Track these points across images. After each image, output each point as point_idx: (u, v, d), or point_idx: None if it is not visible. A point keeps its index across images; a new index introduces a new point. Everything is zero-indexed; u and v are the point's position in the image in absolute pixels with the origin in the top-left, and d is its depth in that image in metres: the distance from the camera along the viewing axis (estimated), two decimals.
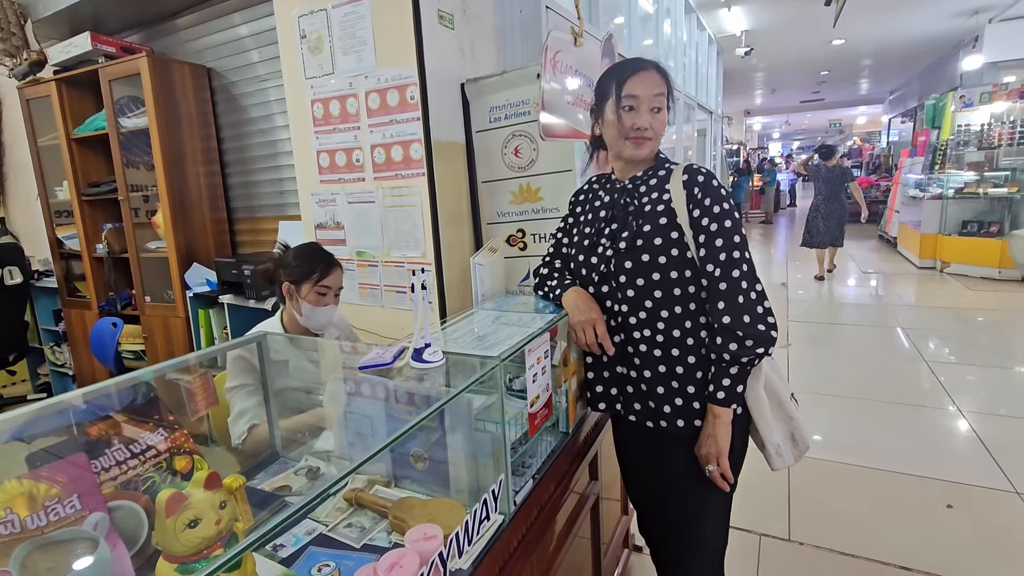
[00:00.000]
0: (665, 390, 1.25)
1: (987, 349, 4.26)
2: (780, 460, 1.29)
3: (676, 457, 1.28)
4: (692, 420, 1.23)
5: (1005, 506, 2.32)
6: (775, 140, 25.87)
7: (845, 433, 3.04)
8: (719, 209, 1.18)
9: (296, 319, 1.65)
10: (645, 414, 1.29)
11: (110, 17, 3.08)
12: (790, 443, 1.31)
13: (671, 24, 5.86)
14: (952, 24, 7.96)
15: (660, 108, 1.24)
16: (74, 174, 3.17)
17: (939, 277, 6.66)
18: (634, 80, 1.23)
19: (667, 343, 1.23)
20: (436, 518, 1.01)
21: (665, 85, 1.24)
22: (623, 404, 1.34)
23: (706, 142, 8.18)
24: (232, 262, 2.62)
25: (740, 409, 1.22)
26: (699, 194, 1.19)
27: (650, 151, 1.27)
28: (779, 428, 1.29)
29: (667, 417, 1.25)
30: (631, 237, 1.24)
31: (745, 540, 2.18)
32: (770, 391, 1.27)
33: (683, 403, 1.23)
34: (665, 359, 1.24)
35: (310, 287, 1.60)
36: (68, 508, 0.73)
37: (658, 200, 1.24)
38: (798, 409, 1.33)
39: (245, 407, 1.51)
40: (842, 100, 16.41)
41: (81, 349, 3.49)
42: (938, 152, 7.91)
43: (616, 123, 1.25)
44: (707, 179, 1.21)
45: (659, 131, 1.26)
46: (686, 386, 1.23)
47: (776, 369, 1.32)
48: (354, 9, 1.99)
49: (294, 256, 1.65)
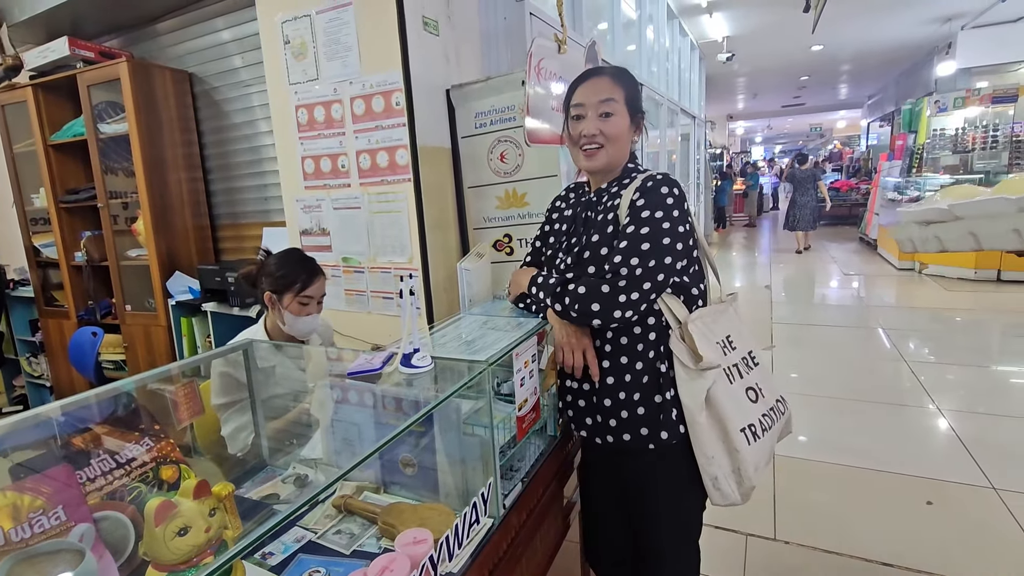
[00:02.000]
0: (612, 402, 1.22)
1: (965, 348, 4.36)
2: (719, 495, 1.20)
3: (632, 474, 1.27)
4: (638, 432, 1.20)
5: (983, 501, 2.37)
6: (757, 144, 26.24)
7: (828, 433, 3.09)
8: (647, 214, 1.13)
9: (280, 326, 1.63)
10: (594, 430, 1.27)
11: (88, 22, 3.04)
12: (734, 478, 1.20)
13: (654, 30, 5.93)
14: (926, 31, 8.17)
15: (611, 113, 1.20)
16: (51, 181, 3.12)
17: (918, 278, 6.80)
18: (581, 89, 1.23)
19: (615, 352, 1.21)
20: (426, 523, 1.01)
21: (619, 90, 1.20)
22: (574, 419, 1.32)
23: (689, 146, 8.28)
24: (215, 269, 2.59)
25: (534, 290, 1.25)
26: (637, 197, 1.15)
27: (605, 162, 1.23)
28: (721, 460, 1.19)
29: (613, 431, 1.23)
30: (580, 250, 1.23)
31: (732, 540, 2.20)
32: (715, 418, 1.19)
33: (629, 415, 1.20)
34: (613, 369, 1.21)
35: (292, 297, 1.58)
36: (53, 519, 0.72)
37: (610, 209, 1.21)
38: (753, 444, 1.22)
39: (242, 423, 1.50)
40: (822, 104, 16.72)
41: (59, 359, 3.43)
42: (915, 156, 8.10)
43: (567, 134, 1.25)
44: (656, 184, 1.15)
45: (613, 136, 1.20)
46: (633, 395, 1.20)
47: (734, 396, 1.22)
48: (338, 15, 2.00)
49: (276, 265, 1.62)
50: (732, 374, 1.24)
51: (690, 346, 1.18)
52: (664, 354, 1.20)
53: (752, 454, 1.21)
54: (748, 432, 1.22)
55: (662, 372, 1.20)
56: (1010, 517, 2.25)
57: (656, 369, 1.20)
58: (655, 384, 1.20)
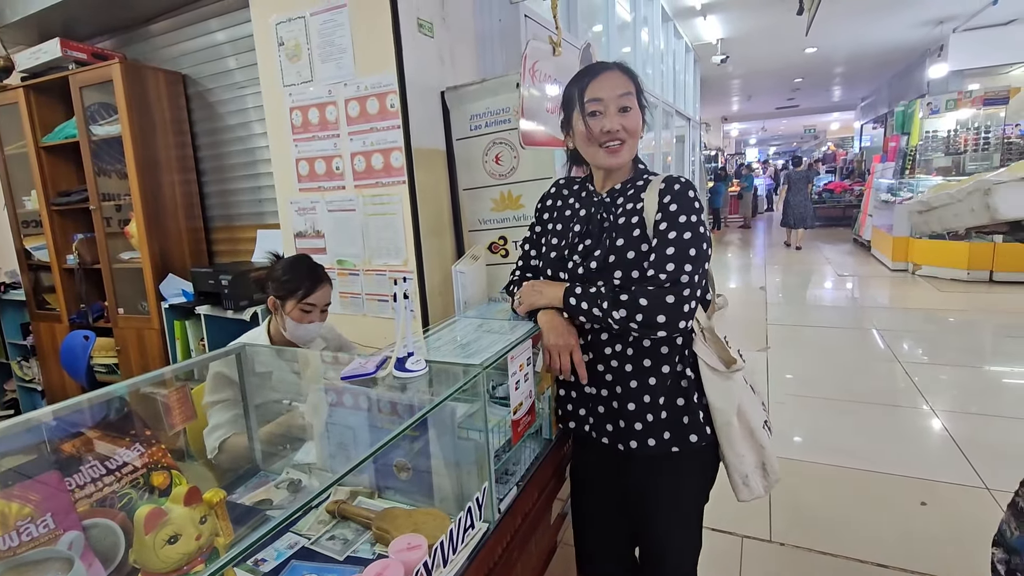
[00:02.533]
0: (636, 406, 1.19)
1: (958, 349, 4.38)
2: (747, 491, 1.24)
3: (644, 479, 1.26)
4: (661, 436, 1.18)
5: (976, 501, 2.38)
6: (752, 146, 26.34)
7: (823, 434, 3.10)
8: (684, 219, 1.12)
9: (281, 332, 1.63)
10: (616, 436, 1.24)
11: (81, 23, 3.02)
12: (760, 473, 1.25)
13: (648, 32, 5.94)
14: (918, 33, 8.23)
15: (629, 107, 1.17)
16: (43, 183, 3.09)
17: (911, 279, 6.83)
18: (596, 83, 1.17)
19: (638, 355, 1.18)
20: (420, 528, 1.01)
21: (632, 84, 1.19)
22: (593, 426, 1.28)
23: (685, 148, 8.30)
24: (209, 272, 2.57)
25: (574, 300, 1.18)
26: (668, 201, 1.14)
27: (628, 156, 1.21)
28: (749, 457, 1.23)
29: (638, 436, 1.20)
30: (603, 255, 1.19)
31: (728, 542, 2.20)
32: (742, 419, 1.22)
33: (653, 419, 1.18)
34: (637, 373, 1.19)
35: (294, 303, 1.57)
36: (41, 527, 0.71)
37: (632, 211, 1.19)
38: (770, 438, 1.28)
39: (220, 421, 1.48)
40: (816, 106, 16.83)
41: (51, 363, 3.39)
42: (908, 157, 8.15)
43: (585, 132, 1.19)
44: (683, 188, 1.15)
45: (633, 131, 1.19)
46: (657, 398, 1.18)
47: (752, 396, 1.27)
48: (332, 17, 1.99)
49: (282, 270, 1.61)
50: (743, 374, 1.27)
51: (716, 349, 1.20)
52: (688, 358, 1.20)
53: (773, 448, 1.27)
54: (767, 428, 1.28)
55: (686, 375, 1.20)
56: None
57: (679, 373, 1.19)
58: (678, 388, 1.19)
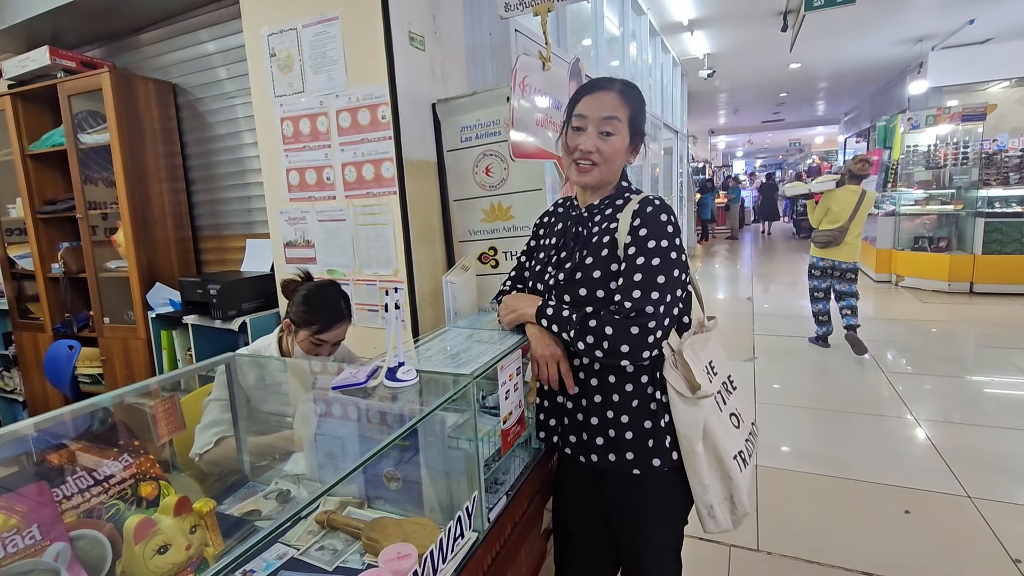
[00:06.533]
0: (599, 420, 1.18)
1: (940, 359, 4.45)
2: (713, 523, 1.18)
3: (618, 497, 1.23)
4: (623, 455, 1.16)
5: (958, 509, 2.42)
6: (739, 158, 26.71)
7: (809, 443, 3.13)
8: (653, 244, 1.10)
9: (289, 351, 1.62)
10: (579, 447, 1.23)
11: (70, 31, 3.01)
12: (728, 506, 1.19)
13: (636, 47, 6.04)
14: (899, 51, 8.44)
15: (612, 133, 1.15)
16: (29, 191, 3.06)
17: (894, 290, 6.94)
18: (587, 100, 1.17)
19: (604, 370, 1.17)
20: (410, 537, 1.01)
21: (625, 109, 1.17)
22: (561, 435, 1.28)
23: (672, 160, 8.41)
24: (197, 281, 2.55)
25: (545, 323, 1.19)
26: (638, 224, 1.12)
27: (596, 179, 1.19)
28: (716, 487, 1.18)
29: (598, 450, 1.19)
30: (572, 268, 1.19)
31: (715, 552, 2.21)
32: (710, 446, 1.16)
33: (616, 436, 1.17)
34: (601, 388, 1.18)
35: (307, 335, 1.56)
36: (27, 539, 0.71)
37: (605, 231, 1.18)
38: (744, 471, 1.21)
39: (218, 418, 1.47)
40: (801, 120, 17.15)
41: (33, 374, 3.34)
42: (890, 171, 8.30)
43: (565, 143, 1.20)
44: (655, 211, 1.13)
45: (609, 156, 1.16)
46: (620, 416, 1.16)
47: (728, 425, 1.22)
48: (325, 29, 2.01)
49: (303, 298, 1.57)
50: (719, 401, 1.22)
51: (684, 374, 1.15)
52: (658, 381, 1.17)
53: (744, 480, 1.21)
54: (739, 459, 1.21)
55: (655, 399, 1.17)
56: (985, 525, 2.29)
57: (648, 395, 1.16)
58: (646, 410, 1.16)
